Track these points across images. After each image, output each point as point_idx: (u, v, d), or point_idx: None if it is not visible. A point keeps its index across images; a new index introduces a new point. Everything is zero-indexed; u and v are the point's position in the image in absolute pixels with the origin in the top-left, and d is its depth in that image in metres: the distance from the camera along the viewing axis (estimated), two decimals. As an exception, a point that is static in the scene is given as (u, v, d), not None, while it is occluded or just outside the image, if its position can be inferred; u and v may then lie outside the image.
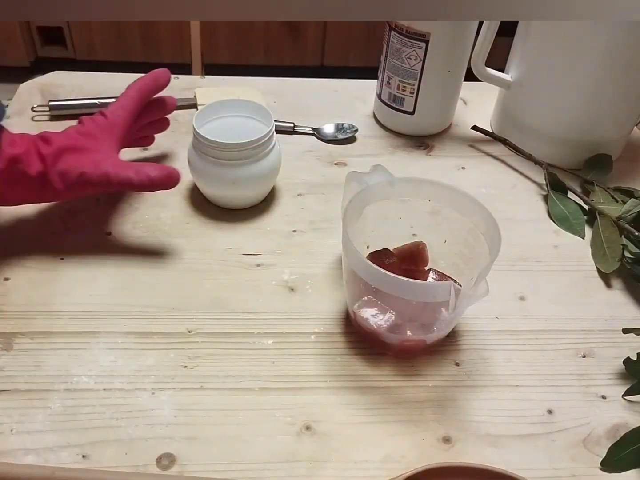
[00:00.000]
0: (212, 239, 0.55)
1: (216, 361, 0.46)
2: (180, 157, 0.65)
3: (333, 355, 0.47)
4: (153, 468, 0.39)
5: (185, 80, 0.76)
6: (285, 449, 0.41)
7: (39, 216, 0.56)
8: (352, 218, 0.46)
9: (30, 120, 0.67)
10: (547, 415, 0.44)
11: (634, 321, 0.51)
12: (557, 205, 0.61)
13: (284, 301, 0.50)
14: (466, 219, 0.47)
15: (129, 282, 0.51)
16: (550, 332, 0.50)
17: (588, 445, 0.42)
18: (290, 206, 0.60)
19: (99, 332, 0.47)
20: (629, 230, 0.56)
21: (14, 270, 0.51)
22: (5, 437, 0.40)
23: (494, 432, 0.43)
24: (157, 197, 0.59)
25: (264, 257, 0.54)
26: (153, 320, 0.48)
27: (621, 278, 0.55)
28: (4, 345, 0.45)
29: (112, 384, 0.44)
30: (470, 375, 0.46)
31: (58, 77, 0.75)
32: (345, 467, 0.40)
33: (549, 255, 0.57)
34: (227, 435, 0.41)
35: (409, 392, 0.45)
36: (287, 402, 0.43)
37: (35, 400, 0.42)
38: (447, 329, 0.47)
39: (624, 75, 0.61)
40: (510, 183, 0.65)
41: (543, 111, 0.65)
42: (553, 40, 0.61)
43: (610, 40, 0.58)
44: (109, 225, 0.56)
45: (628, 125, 0.68)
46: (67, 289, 0.50)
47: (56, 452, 0.39)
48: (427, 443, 0.42)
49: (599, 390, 0.46)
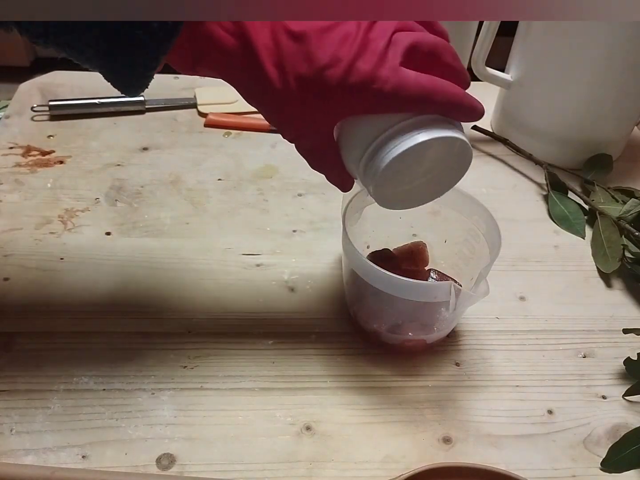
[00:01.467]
0: (212, 239, 0.55)
1: (216, 361, 0.46)
2: (180, 156, 0.65)
3: (333, 355, 0.47)
4: (153, 468, 0.39)
5: (185, 80, 0.77)
6: (285, 449, 0.41)
7: (39, 216, 0.56)
8: (352, 218, 0.46)
9: (30, 120, 0.67)
10: (547, 416, 0.44)
11: (634, 321, 0.51)
12: (558, 205, 0.61)
13: (284, 301, 0.50)
14: (466, 219, 0.47)
15: (129, 282, 0.51)
16: (550, 332, 0.50)
17: (588, 446, 0.42)
18: (290, 206, 0.60)
19: (99, 332, 0.47)
20: (629, 230, 0.56)
21: (14, 270, 0.51)
22: (5, 437, 0.40)
23: (494, 432, 0.43)
24: (157, 197, 0.59)
25: (264, 257, 0.54)
26: (153, 320, 0.48)
27: (621, 278, 0.55)
28: (4, 345, 0.45)
29: (112, 384, 0.43)
30: (471, 375, 0.46)
31: (58, 77, 0.75)
32: (345, 467, 0.40)
33: (549, 255, 0.57)
34: (227, 435, 0.41)
35: (409, 392, 0.45)
36: (287, 402, 0.43)
37: (35, 400, 0.42)
38: (447, 329, 0.47)
39: (624, 75, 0.61)
40: (510, 183, 0.65)
41: (543, 111, 0.65)
42: (553, 40, 0.61)
43: (610, 40, 0.58)
44: (109, 225, 0.56)
45: (628, 125, 0.68)
46: (67, 289, 0.50)
47: (56, 452, 0.39)
48: (427, 443, 0.42)
49: (599, 391, 0.46)
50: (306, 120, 0.35)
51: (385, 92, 0.32)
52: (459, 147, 0.36)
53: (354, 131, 0.36)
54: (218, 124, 0.70)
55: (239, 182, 0.62)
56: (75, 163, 0.63)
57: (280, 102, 0.34)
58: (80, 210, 0.57)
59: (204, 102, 0.72)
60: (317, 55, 0.32)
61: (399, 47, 0.33)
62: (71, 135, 0.66)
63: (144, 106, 0.70)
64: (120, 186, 0.60)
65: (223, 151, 0.66)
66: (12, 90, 0.72)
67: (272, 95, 0.34)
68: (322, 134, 0.36)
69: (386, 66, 0.32)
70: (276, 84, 0.33)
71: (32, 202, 0.57)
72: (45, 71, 0.76)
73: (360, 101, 0.33)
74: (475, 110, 0.36)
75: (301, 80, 0.33)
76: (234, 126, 0.70)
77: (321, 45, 0.32)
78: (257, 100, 0.36)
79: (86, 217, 0.56)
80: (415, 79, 0.33)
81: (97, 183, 0.60)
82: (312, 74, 0.32)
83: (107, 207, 0.58)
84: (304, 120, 0.35)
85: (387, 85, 0.32)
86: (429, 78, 0.33)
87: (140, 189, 0.60)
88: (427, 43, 0.34)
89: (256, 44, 0.33)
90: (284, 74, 0.33)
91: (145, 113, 0.70)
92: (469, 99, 0.36)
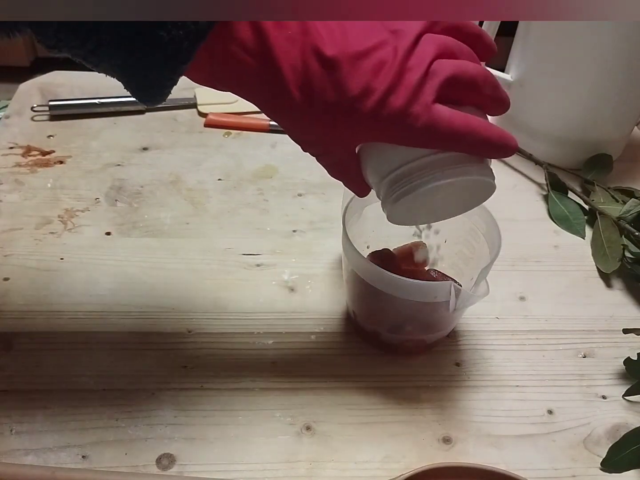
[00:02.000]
0: (212, 239, 0.55)
1: (216, 361, 0.46)
2: (180, 156, 0.65)
3: (333, 355, 0.47)
4: (153, 468, 0.39)
5: (185, 80, 0.76)
6: (285, 449, 0.41)
7: (39, 216, 0.56)
8: (352, 218, 0.46)
9: (30, 120, 0.67)
10: (547, 416, 0.44)
11: (634, 321, 0.51)
12: (558, 205, 0.61)
13: (284, 301, 0.50)
14: (466, 219, 0.47)
15: (129, 282, 0.51)
16: (550, 332, 0.50)
17: (588, 446, 0.42)
18: (290, 206, 0.60)
19: (99, 332, 0.47)
20: (629, 230, 0.56)
21: (14, 270, 0.51)
22: (5, 437, 0.40)
23: (494, 432, 0.43)
24: (157, 197, 0.59)
25: (264, 257, 0.54)
26: (153, 320, 0.48)
27: (621, 278, 0.55)
28: (4, 345, 0.45)
29: (112, 384, 0.44)
30: (471, 375, 0.46)
31: (58, 77, 0.75)
32: (345, 467, 0.40)
33: (549, 255, 0.57)
34: (227, 435, 0.41)
35: (409, 392, 0.45)
36: (287, 402, 0.43)
37: (35, 400, 0.42)
38: (447, 329, 0.47)
39: (624, 76, 0.61)
40: (510, 183, 0.65)
41: (543, 111, 0.65)
42: (553, 40, 0.61)
43: (610, 41, 0.58)
44: (109, 225, 0.56)
45: (628, 125, 0.67)
46: (67, 289, 0.50)
47: (56, 452, 0.39)
48: (427, 443, 0.42)
49: (599, 391, 0.46)
50: (330, 142, 0.34)
51: (416, 129, 0.31)
52: (481, 184, 0.36)
53: (379, 153, 0.35)
54: (218, 124, 0.70)
55: (239, 182, 0.62)
56: (75, 163, 0.63)
57: (305, 123, 0.33)
58: (80, 210, 0.57)
59: (204, 102, 0.72)
60: (348, 85, 0.30)
61: (435, 81, 0.31)
62: (71, 135, 0.66)
63: (144, 106, 0.70)
64: (120, 186, 0.60)
65: (223, 151, 0.66)
66: (12, 90, 0.72)
67: (295, 116, 0.33)
68: (346, 152, 0.35)
69: (419, 102, 0.31)
70: (301, 108, 0.32)
71: (32, 202, 0.57)
72: (45, 71, 0.76)
73: (390, 133, 0.32)
74: (507, 149, 0.35)
75: (329, 108, 0.31)
76: (234, 126, 0.70)
77: (354, 74, 0.30)
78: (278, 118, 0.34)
79: (86, 217, 0.56)
80: (449, 119, 0.32)
81: (97, 183, 0.60)
82: (341, 103, 0.31)
83: (107, 207, 0.58)
84: (328, 142, 0.34)
85: (419, 123, 0.31)
86: (462, 118, 0.32)
87: (140, 189, 0.60)
88: (468, 75, 0.32)
89: (281, 64, 0.31)
90: (311, 99, 0.31)
91: (145, 113, 0.70)
92: (502, 139, 0.34)
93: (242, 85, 0.33)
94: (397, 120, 0.31)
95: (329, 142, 0.35)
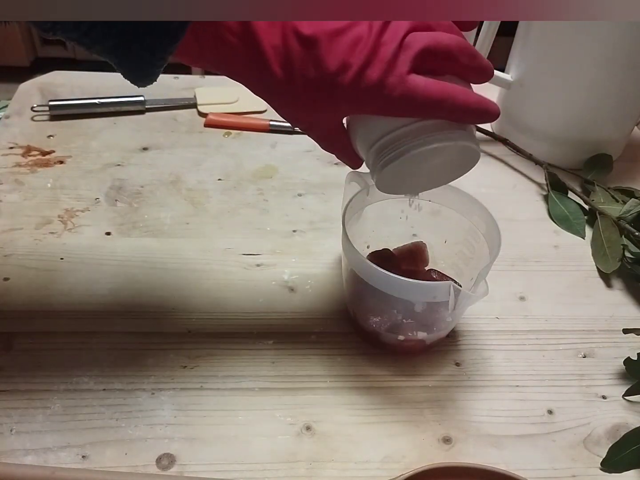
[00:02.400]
0: (212, 239, 0.55)
1: (216, 361, 0.46)
2: (180, 156, 0.65)
3: (333, 355, 0.47)
4: (153, 468, 0.39)
5: (185, 80, 0.77)
6: (285, 449, 0.41)
7: (39, 216, 0.56)
8: (352, 218, 0.46)
9: (30, 120, 0.67)
10: (547, 416, 0.44)
11: (634, 321, 0.51)
12: (558, 205, 0.61)
13: (284, 301, 0.50)
14: (466, 219, 0.47)
15: (129, 282, 0.51)
16: (550, 332, 0.50)
17: (588, 446, 0.42)
18: (290, 206, 0.60)
19: (99, 332, 0.47)
20: (629, 230, 0.56)
21: (14, 270, 0.51)
22: (5, 437, 0.40)
23: (494, 432, 0.43)
24: (157, 197, 0.59)
25: (264, 257, 0.54)
26: (153, 320, 0.48)
27: (621, 278, 0.55)
28: (4, 345, 0.45)
29: (112, 384, 0.43)
30: (471, 375, 0.46)
31: (58, 77, 0.75)
32: (345, 467, 0.40)
33: (549, 255, 0.57)
34: (227, 435, 0.41)
35: (409, 392, 0.45)
36: (287, 402, 0.43)
37: (35, 400, 0.42)
38: (447, 329, 0.47)
39: (624, 75, 0.61)
40: (510, 183, 0.65)
41: (543, 111, 0.65)
42: (553, 40, 0.61)
43: (610, 41, 0.58)
44: (109, 225, 0.56)
45: (628, 125, 0.68)
46: (67, 289, 0.50)
47: (56, 452, 0.39)
48: (427, 443, 0.42)
49: (599, 391, 0.46)
50: (315, 116, 0.36)
51: (393, 99, 0.33)
52: (465, 150, 0.37)
53: (364, 123, 0.36)
54: (218, 124, 0.70)
55: (239, 182, 0.62)
56: (75, 163, 0.63)
57: (288, 99, 0.35)
58: (80, 210, 0.57)
59: (204, 102, 0.72)
60: (326, 61, 0.32)
61: (409, 52, 0.32)
62: (71, 135, 0.66)
63: (144, 106, 0.70)
64: (120, 186, 0.60)
65: (223, 151, 0.66)
66: (12, 90, 0.72)
67: (279, 93, 0.35)
68: (332, 124, 0.37)
69: (394, 74, 0.32)
70: (283, 84, 0.34)
71: (32, 202, 0.57)
72: (45, 71, 0.76)
73: (370, 104, 0.34)
74: (488, 113, 0.35)
75: (310, 83, 0.33)
76: (234, 126, 0.70)
77: (331, 51, 0.32)
78: (264, 96, 0.36)
79: (86, 217, 0.56)
80: (424, 87, 0.33)
81: (97, 183, 0.60)
82: (321, 79, 0.33)
83: (107, 207, 0.58)
84: (312, 116, 0.36)
85: (395, 93, 0.32)
86: (438, 85, 0.33)
87: (140, 189, 0.60)
88: (442, 45, 0.33)
89: (263, 44, 0.33)
90: (292, 76, 0.33)
91: (145, 113, 0.70)
92: (480, 104, 0.35)
93: (229, 65, 0.35)
94: (375, 92, 0.33)
95: (313, 117, 0.36)
